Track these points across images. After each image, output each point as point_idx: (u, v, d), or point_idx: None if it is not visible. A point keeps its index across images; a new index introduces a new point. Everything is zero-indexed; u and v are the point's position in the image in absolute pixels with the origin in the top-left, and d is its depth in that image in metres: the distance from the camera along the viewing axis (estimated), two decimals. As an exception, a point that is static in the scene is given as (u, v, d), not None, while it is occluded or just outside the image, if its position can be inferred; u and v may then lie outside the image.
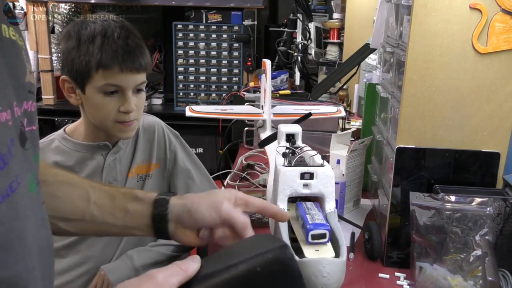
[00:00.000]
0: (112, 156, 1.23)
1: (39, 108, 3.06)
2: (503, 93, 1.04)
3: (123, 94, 1.14)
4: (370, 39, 1.63)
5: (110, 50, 1.10)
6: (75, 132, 1.24)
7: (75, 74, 1.12)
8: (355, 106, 2.41)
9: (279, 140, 1.06)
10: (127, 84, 1.13)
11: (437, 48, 1.04)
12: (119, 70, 1.11)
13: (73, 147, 1.22)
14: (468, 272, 0.99)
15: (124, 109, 1.14)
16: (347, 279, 0.80)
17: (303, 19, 2.60)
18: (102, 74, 1.10)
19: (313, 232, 0.78)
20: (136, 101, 1.16)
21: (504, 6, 1.00)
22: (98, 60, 1.09)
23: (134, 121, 1.17)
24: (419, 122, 1.08)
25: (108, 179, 1.22)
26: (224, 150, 1.92)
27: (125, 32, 1.14)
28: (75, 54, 1.11)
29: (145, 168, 1.28)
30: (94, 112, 1.16)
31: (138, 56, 1.13)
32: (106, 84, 1.11)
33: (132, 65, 1.12)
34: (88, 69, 1.10)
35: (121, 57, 1.10)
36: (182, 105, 2.93)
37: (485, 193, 1.03)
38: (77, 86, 1.14)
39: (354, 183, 1.43)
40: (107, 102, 1.13)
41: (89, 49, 1.10)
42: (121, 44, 1.11)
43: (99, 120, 1.17)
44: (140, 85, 1.17)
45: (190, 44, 2.89)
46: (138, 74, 1.14)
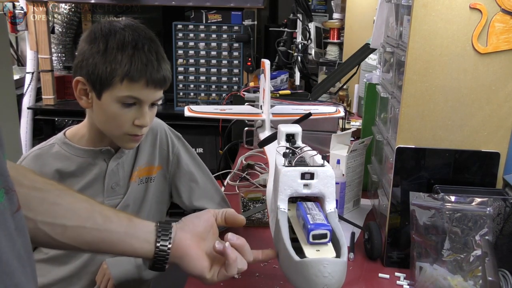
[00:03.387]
0: (115, 161, 1.20)
1: (39, 108, 3.07)
2: (503, 93, 1.05)
3: (140, 107, 1.11)
4: (370, 39, 1.63)
5: (140, 63, 1.07)
6: (76, 136, 1.20)
7: (95, 78, 1.08)
8: (355, 106, 2.41)
9: (279, 140, 1.06)
10: (147, 98, 1.11)
11: (437, 48, 1.04)
12: (145, 84, 1.08)
13: (74, 152, 1.18)
14: (468, 272, 0.99)
15: (139, 122, 1.11)
16: (347, 279, 0.80)
17: (303, 19, 2.60)
18: (127, 85, 1.07)
19: (314, 232, 0.78)
20: (150, 115, 1.14)
21: (504, 6, 1.00)
22: (126, 71, 1.06)
23: (143, 134, 1.16)
24: (419, 122, 1.08)
25: (110, 184, 1.20)
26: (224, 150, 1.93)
27: (155, 46, 1.11)
28: (99, 59, 1.07)
29: (147, 170, 1.26)
30: (106, 120, 1.13)
31: (164, 71, 1.11)
32: (128, 96, 1.08)
33: (158, 81, 1.09)
34: (112, 77, 1.07)
35: (149, 71, 1.08)
36: (182, 105, 2.94)
37: (485, 193, 1.03)
38: (93, 90, 1.10)
39: (354, 183, 1.43)
40: (124, 113, 1.10)
41: (117, 57, 1.06)
42: (151, 58, 1.08)
43: (109, 129, 1.14)
44: (158, 100, 1.15)
45: (190, 44, 2.89)
46: (161, 89, 1.13)
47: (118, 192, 1.21)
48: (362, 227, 1.28)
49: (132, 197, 1.23)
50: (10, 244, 0.49)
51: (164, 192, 1.30)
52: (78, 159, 1.18)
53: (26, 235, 0.53)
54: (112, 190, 1.20)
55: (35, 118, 3.11)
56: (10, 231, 0.49)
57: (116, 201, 1.21)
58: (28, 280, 0.51)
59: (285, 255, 0.79)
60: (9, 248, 0.48)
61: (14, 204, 0.51)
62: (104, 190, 1.19)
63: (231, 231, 0.88)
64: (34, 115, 3.11)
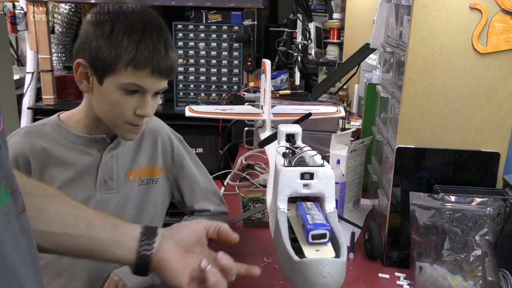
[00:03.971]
0: (110, 153, 1.15)
1: (39, 108, 3.07)
2: (503, 93, 1.05)
3: (143, 96, 1.07)
4: (370, 39, 1.63)
5: (147, 49, 1.02)
6: (71, 120, 1.15)
7: (97, 62, 1.03)
8: (355, 106, 2.41)
9: (279, 140, 1.06)
10: (151, 88, 1.06)
11: (437, 48, 1.04)
12: (150, 73, 1.03)
13: (67, 137, 1.12)
14: (468, 272, 0.99)
15: (141, 112, 1.07)
16: (347, 279, 0.80)
17: (303, 19, 2.60)
18: (131, 71, 1.02)
19: (313, 232, 0.78)
20: (152, 105, 1.10)
21: (504, 6, 1.00)
22: (131, 57, 1.01)
23: (144, 124, 1.11)
24: (419, 122, 1.08)
25: (103, 177, 1.15)
26: (224, 150, 1.93)
27: (164, 33, 1.06)
28: (104, 42, 1.02)
29: (149, 171, 1.23)
30: (107, 107, 1.08)
31: (172, 60, 1.06)
32: (131, 83, 1.04)
33: (164, 70, 1.05)
34: (116, 62, 1.02)
35: (156, 59, 1.03)
36: (182, 105, 2.94)
37: (485, 193, 1.03)
38: (94, 74, 1.05)
39: (354, 183, 1.43)
40: (126, 101, 1.06)
41: (123, 41, 1.01)
42: (159, 46, 1.03)
43: (109, 116, 1.09)
44: (161, 90, 1.10)
45: (190, 44, 2.89)
46: (166, 79, 1.08)
47: (111, 187, 1.16)
48: (362, 227, 1.27)
49: (131, 198, 1.20)
50: (15, 245, 0.49)
51: (166, 193, 1.28)
52: (70, 144, 1.13)
53: (31, 236, 0.53)
54: (105, 183, 1.15)
55: (35, 118, 3.11)
56: (15, 232, 0.49)
57: (108, 195, 1.16)
58: (32, 281, 0.51)
59: (284, 255, 0.79)
60: (14, 249, 0.48)
61: (19, 205, 0.51)
62: (96, 183, 1.14)
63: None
64: (34, 115, 3.11)
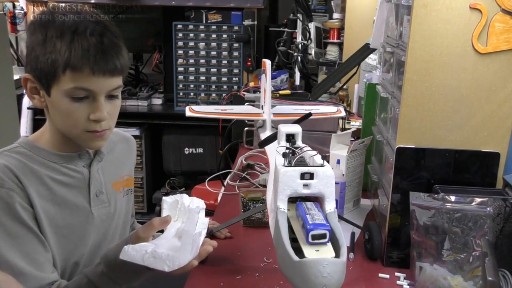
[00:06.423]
0: (97, 166, 1.11)
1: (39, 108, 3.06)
2: (503, 93, 1.05)
3: (94, 100, 0.99)
4: (370, 39, 1.63)
5: (81, 48, 0.94)
6: (41, 140, 1.07)
7: (39, 74, 0.97)
8: (355, 106, 2.41)
9: (279, 140, 1.06)
10: (99, 89, 0.98)
11: (437, 48, 1.04)
12: (90, 72, 0.95)
13: (46, 157, 1.04)
14: (468, 272, 0.99)
15: (95, 117, 0.99)
16: (347, 279, 0.79)
17: (303, 19, 2.60)
18: (70, 76, 0.95)
19: (313, 232, 0.78)
20: (110, 108, 1.02)
21: (504, 6, 1.00)
22: (66, 60, 0.94)
23: (106, 130, 1.03)
24: (419, 122, 1.08)
25: (94, 192, 1.10)
26: (224, 150, 1.93)
27: (100, 28, 0.98)
28: (40, 50, 0.96)
29: (129, 182, 1.22)
30: (61, 119, 1.01)
31: (113, 56, 0.98)
32: (74, 88, 0.96)
33: (106, 67, 0.97)
34: (54, 69, 0.95)
35: (93, 57, 0.95)
36: (182, 105, 2.93)
37: (485, 193, 1.03)
38: (42, 87, 0.99)
39: (354, 183, 1.43)
40: (76, 108, 0.98)
41: (56, 45, 0.95)
42: (94, 42, 0.96)
43: (66, 128, 1.02)
44: (114, 90, 1.02)
45: (190, 44, 2.89)
46: (113, 77, 0.99)
47: (103, 200, 1.12)
48: (362, 227, 1.27)
49: (119, 209, 1.18)
50: None
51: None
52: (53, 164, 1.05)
53: None
54: (97, 198, 1.11)
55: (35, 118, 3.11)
56: None
57: (103, 210, 1.13)
58: None
59: (284, 255, 0.79)
60: None
61: None
62: (90, 199, 1.09)
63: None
64: (34, 115, 3.11)
